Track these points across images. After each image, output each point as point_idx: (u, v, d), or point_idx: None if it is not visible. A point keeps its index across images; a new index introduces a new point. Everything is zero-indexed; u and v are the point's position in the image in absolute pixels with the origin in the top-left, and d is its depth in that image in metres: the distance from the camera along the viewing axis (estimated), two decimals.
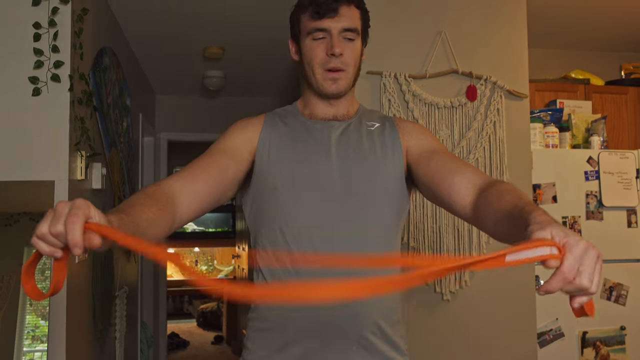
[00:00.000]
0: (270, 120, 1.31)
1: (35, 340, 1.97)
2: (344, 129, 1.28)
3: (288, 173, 1.21)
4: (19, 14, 2.03)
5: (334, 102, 1.31)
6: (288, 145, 1.25)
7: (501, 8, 2.56)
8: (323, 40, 1.24)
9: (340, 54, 1.23)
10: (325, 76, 1.25)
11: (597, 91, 3.48)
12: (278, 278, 1.19)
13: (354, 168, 1.22)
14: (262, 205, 1.24)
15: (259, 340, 1.22)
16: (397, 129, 1.31)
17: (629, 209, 2.88)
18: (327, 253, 1.17)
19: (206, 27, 3.29)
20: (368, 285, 0.77)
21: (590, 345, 2.76)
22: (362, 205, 1.20)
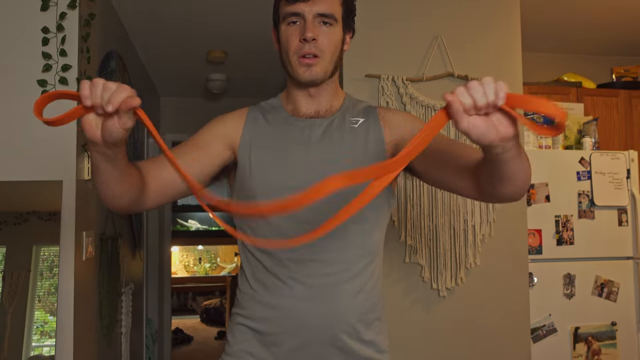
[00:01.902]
0: (253, 117, 1.25)
1: (43, 336, 1.97)
2: (326, 127, 1.21)
3: (269, 178, 1.17)
4: (28, 19, 2.03)
5: (315, 94, 1.23)
6: (269, 148, 1.20)
7: (495, 13, 2.57)
8: (297, 26, 1.17)
9: (313, 39, 1.15)
10: (300, 62, 1.17)
11: (588, 94, 3.48)
12: (261, 282, 1.16)
13: (336, 169, 1.08)
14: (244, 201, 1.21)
15: (239, 335, 1.19)
16: (380, 125, 1.22)
17: (619, 208, 2.89)
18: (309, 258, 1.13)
19: (209, 32, 3.29)
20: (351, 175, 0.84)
21: (582, 340, 2.76)
22: (343, 206, 1.08)
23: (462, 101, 0.77)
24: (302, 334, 1.13)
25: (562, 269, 2.79)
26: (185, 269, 7.97)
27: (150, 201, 1.10)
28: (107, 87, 0.81)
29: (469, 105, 0.77)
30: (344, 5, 1.22)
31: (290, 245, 1.08)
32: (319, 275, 1.13)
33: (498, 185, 0.96)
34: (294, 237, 1.09)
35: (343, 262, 1.14)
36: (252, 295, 1.18)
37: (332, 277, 1.13)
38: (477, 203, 2.43)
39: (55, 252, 1.99)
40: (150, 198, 1.09)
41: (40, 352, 1.95)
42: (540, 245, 2.76)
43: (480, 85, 0.76)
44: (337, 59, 1.22)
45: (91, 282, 2.27)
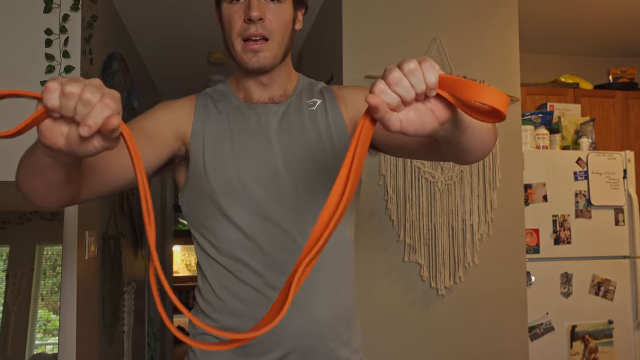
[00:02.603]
0: (203, 105, 1.08)
1: (46, 334, 1.97)
2: (283, 113, 1.07)
3: (227, 174, 1.02)
4: (31, 21, 2.03)
5: (266, 81, 1.07)
6: (224, 140, 1.04)
7: (494, 15, 2.57)
8: (241, 4, 1.01)
9: (260, 18, 0.99)
10: (245, 47, 1.01)
11: (585, 95, 3.48)
12: (231, 292, 1.03)
13: (299, 161, 1.03)
14: (201, 208, 1.05)
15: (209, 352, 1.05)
16: (337, 104, 1.09)
17: (616, 207, 2.89)
18: (276, 257, 1.00)
19: (210, 33, 3.29)
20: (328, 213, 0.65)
21: (579, 338, 2.76)
22: (311, 199, 1.02)
23: (387, 102, 0.64)
24: (284, 344, 1.01)
25: (560, 268, 2.78)
26: (187, 267, 7.97)
27: (88, 192, 0.90)
28: (85, 99, 0.57)
29: (396, 104, 0.64)
30: None
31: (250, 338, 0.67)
32: None
33: (461, 156, 0.90)
34: (264, 242, 1.00)
35: (320, 260, 0.99)
36: (220, 305, 1.04)
37: (310, 280, 0.98)
38: (475, 203, 2.43)
39: (58, 252, 1.99)
40: (87, 188, 0.89)
41: (43, 350, 1.95)
42: (537, 245, 2.76)
43: (404, 75, 0.63)
44: (289, 40, 1.06)
45: (94, 281, 2.27)
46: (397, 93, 0.63)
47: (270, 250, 1.01)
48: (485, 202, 2.44)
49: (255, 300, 1.01)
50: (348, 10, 2.42)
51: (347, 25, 2.42)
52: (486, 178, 2.45)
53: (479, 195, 2.44)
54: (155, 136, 0.99)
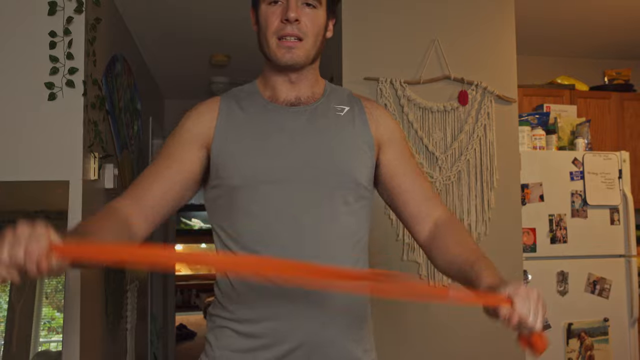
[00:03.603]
0: (226, 106, 1.12)
1: (51, 332, 1.97)
2: (311, 113, 1.10)
3: (249, 170, 1.04)
4: (35, 23, 2.03)
5: (296, 80, 1.11)
6: (248, 137, 1.07)
7: (491, 18, 2.56)
8: (279, 6, 1.06)
9: (296, 19, 1.04)
10: (280, 44, 1.06)
11: (581, 96, 3.48)
12: (246, 284, 1.05)
13: (322, 160, 1.06)
14: (222, 202, 1.08)
15: (223, 338, 1.07)
16: (366, 116, 1.14)
17: (611, 207, 2.88)
18: (294, 254, 1.02)
19: (212, 36, 3.29)
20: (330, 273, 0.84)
21: (575, 336, 2.76)
22: (329, 200, 1.05)
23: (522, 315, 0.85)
24: (294, 337, 1.02)
25: (556, 267, 2.78)
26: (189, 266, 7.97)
27: (143, 231, 1.06)
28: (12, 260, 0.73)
29: (522, 320, 0.85)
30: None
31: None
32: None
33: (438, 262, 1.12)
34: (281, 237, 1.04)
35: (335, 259, 1.04)
36: (236, 296, 1.06)
37: None
38: (473, 202, 2.43)
39: None
40: (142, 229, 1.05)
41: (47, 348, 1.95)
42: (534, 244, 2.76)
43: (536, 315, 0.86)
44: (320, 44, 1.11)
45: (97, 280, 2.27)
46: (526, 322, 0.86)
47: (287, 245, 1.03)
48: (483, 201, 2.44)
49: (268, 292, 1.03)
50: (347, 13, 2.42)
51: (347, 28, 2.42)
52: (484, 178, 2.45)
53: (477, 195, 2.44)
54: (183, 158, 1.08)
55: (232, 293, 1.06)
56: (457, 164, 2.42)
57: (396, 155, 1.16)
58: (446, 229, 1.12)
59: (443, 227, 1.13)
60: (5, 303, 1.90)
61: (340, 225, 1.06)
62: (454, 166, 2.42)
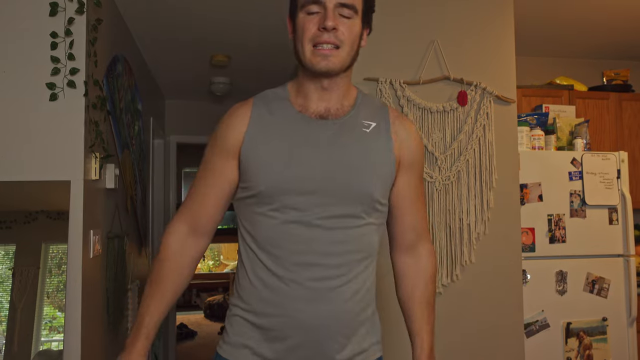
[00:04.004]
0: (258, 112, 1.16)
1: (52, 331, 1.97)
2: (338, 129, 1.14)
3: (274, 178, 1.10)
4: (37, 24, 2.03)
5: (328, 87, 1.14)
6: (275, 147, 1.12)
7: (490, 19, 2.56)
8: (317, 15, 1.09)
9: (334, 28, 1.07)
10: (315, 52, 1.09)
11: (580, 96, 3.48)
12: (261, 279, 1.14)
13: (342, 174, 1.11)
14: (246, 203, 1.16)
15: (238, 327, 1.17)
16: (392, 135, 1.18)
17: (610, 207, 2.88)
18: (304, 260, 1.11)
19: (213, 36, 3.29)
20: None
21: (574, 335, 2.76)
22: (346, 211, 1.12)
23: None
24: (300, 332, 1.11)
25: (555, 266, 2.78)
26: None
27: (203, 246, 1.24)
28: None
29: None
30: (365, 0, 1.15)
31: None
32: (319, 279, 1.10)
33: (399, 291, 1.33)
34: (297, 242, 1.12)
35: (343, 267, 1.12)
36: (251, 290, 1.15)
37: (332, 281, 1.11)
38: (472, 202, 2.43)
39: (63, 250, 1.99)
40: (201, 246, 1.23)
41: (49, 347, 1.95)
42: (533, 243, 2.76)
43: None
44: (355, 53, 1.15)
45: (98, 279, 2.27)
46: None
47: (303, 250, 1.10)
48: (482, 201, 2.44)
49: (280, 290, 1.11)
50: None
51: None
52: (483, 178, 2.45)
53: (476, 194, 2.44)
54: (224, 170, 1.17)
55: (248, 286, 1.16)
56: (457, 164, 2.42)
57: (409, 181, 1.22)
58: (421, 272, 1.28)
59: (419, 268, 1.28)
60: (6, 302, 1.90)
61: (353, 238, 1.13)
62: (453, 166, 2.42)
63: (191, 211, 1.20)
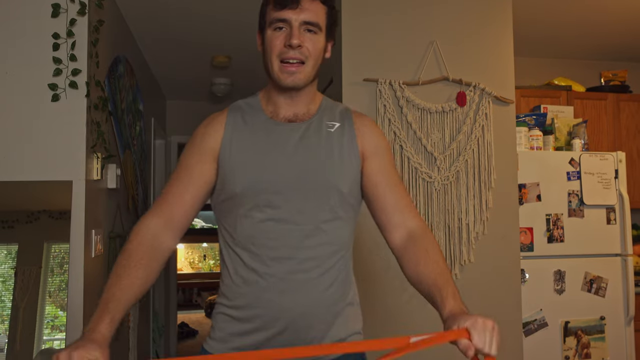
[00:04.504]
0: (232, 120, 1.25)
1: (54, 330, 1.97)
2: (304, 131, 1.22)
3: (249, 180, 1.17)
4: (39, 25, 2.03)
5: (295, 96, 1.23)
6: (249, 151, 1.20)
7: (489, 20, 2.56)
8: (283, 31, 1.17)
9: (299, 45, 1.15)
10: (282, 69, 1.17)
11: (578, 97, 3.48)
12: (241, 277, 1.19)
13: (311, 172, 1.19)
14: (225, 206, 1.22)
15: (222, 322, 1.22)
16: (355, 132, 1.26)
17: (608, 207, 2.88)
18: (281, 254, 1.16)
19: (214, 38, 3.29)
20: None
21: (572, 334, 2.76)
22: (317, 206, 1.18)
23: (478, 347, 0.95)
24: (279, 323, 1.16)
25: (553, 266, 2.78)
26: (191, 265, 7.97)
27: (173, 243, 1.22)
28: None
29: (478, 350, 0.96)
30: (328, 15, 1.22)
31: None
32: (294, 272, 1.16)
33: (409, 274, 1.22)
34: (273, 238, 1.16)
35: (317, 259, 1.17)
36: (233, 287, 1.20)
37: (307, 274, 1.16)
38: (471, 202, 2.43)
39: (65, 250, 1.99)
40: (171, 242, 1.21)
41: (51, 346, 1.95)
42: (531, 243, 2.76)
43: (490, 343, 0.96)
44: (319, 66, 1.23)
45: (100, 279, 2.27)
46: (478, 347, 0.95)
47: (277, 245, 1.16)
48: (481, 201, 2.44)
49: (259, 285, 1.17)
50: (347, 15, 2.42)
51: (346, 30, 2.42)
52: (482, 178, 2.45)
53: (475, 194, 2.44)
54: (202, 170, 1.22)
55: (230, 283, 1.22)
56: (456, 164, 2.43)
57: (379, 167, 1.26)
58: (418, 242, 1.20)
59: (415, 240, 1.21)
60: (9, 301, 1.90)
61: (324, 231, 1.18)
62: (453, 166, 2.42)
63: (167, 206, 1.21)
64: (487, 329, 0.95)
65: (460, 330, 0.95)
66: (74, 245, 1.97)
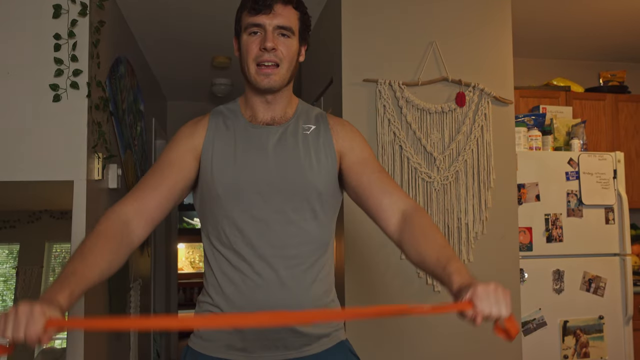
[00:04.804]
0: (214, 124, 1.28)
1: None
2: (281, 134, 1.26)
3: (229, 181, 1.21)
4: (41, 26, 2.03)
5: (272, 101, 1.27)
6: (229, 153, 1.23)
7: (488, 21, 2.57)
8: (258, 36, 1.21)
9: (273, 48, 1.19)
10: (258, 71, 1.21)
11: (577, 97, 3.48)
12: (226, 275, 1.21)
13: (290, 173, 1.22)
14: (207, 208, 1.25)
15: None
16: (330, 132, 1.29)
17: (606, 207, 2.89)
18: (262, 252, 1.18)
19: (214, 38, 3.29)
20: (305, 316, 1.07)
21: (571, 333, 2.76)
22: (296, 206, 1.21)
23: (484, 314, 0.93)
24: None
25: (552, 265, 2.79)
26: (191, 265, 7.97)
27: (143, 233, 1.19)
28: (18, 337, 0.85)
29: (486, 317, 0.94)
30: (301, 20, 1.26)
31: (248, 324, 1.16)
32: (278, 269, 1.19)
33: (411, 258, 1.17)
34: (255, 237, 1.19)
35: (299, 257, 1.21)
36: (218, 287, 1.22)
37: (290, 271, 1.20)
38: (470, 202, 2.43)
39: (66, 249, 1.99)
40: (142, 232, 1.18)
41: (52, 345, 1.95)
42: (530, 243, 2.77)
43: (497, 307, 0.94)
44: (294, 69, 1.26)
45: None
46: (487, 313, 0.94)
47: (259, 244, 1.20)
48: (480, 201, 2.45)
49: (244, 283, 1.20)
50: (347, 16, 2.43)
51: (346, 31, 2.42)
52: (481, 178, 2.45)
53: (474, 194, 2.45)
54: (183, 167, 1.23)
55: (214, 282, 1.24)
56: (455, 164, 2.43)
57: (358, 158, 1.28)
58: (414, 223, 1.18)
59: (410, 221, 1.19)
60: (10, 301, 1.91)
61: (304, 230, 1.22)
62: (452, 166, 2.42)
63: (141, 195, 1.20)
64: (489, 293, 0.95)
65: (463, 303, 0.93)
66: (75, 245, 1.97)
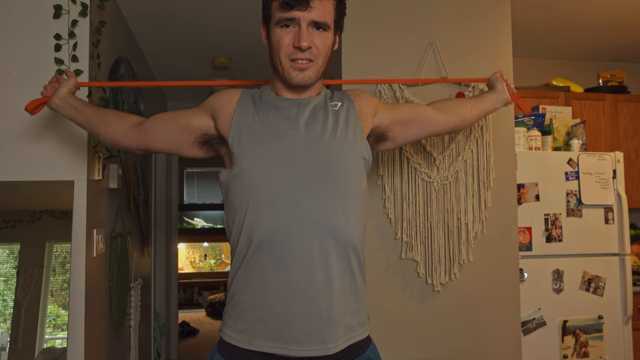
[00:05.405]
0: (244, 98, 1.26)
1: (56, 329, 1.97)
2: (313, 107, 1.23)
3: (258, 153, 1.17)
4: (41, 26, 2.03)
5: (302, 92, 1.24)
6: (258, 126, 1.19)
7: (488, 21, 2.56)
8: (291, 30, 1.15)
9: (308, 47, 1.14)
10: (293, 66, 1.16)
11: (576, 98, 3.48)
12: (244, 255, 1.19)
13: (320, 145, 1.18)
14: (239, 180, 1.20)
15: (241, 312, 1.20)
16: (354, 106, 1.30)
17: (606, 207, 2.89)
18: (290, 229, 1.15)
19: (214, 39, 3.29)
20: None
21: (571, 333, 2.76)
22: (324, 177, 1.17)
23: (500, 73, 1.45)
24: (295, 307, 1.14)
25: (551, 265, 2.78)
26: (192, 265, 7.97)
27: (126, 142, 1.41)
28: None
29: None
30: (337, 10, 1.21)
31: None
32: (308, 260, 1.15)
33: (458, 130, 1.59)
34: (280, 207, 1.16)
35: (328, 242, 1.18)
36: (246, 279, 1.19)
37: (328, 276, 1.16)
38: (470, 202, 2.43)
39: (67, 249, 1.99)
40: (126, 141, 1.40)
41: (53, 344, 1.95)
42: (530, 242, 2.76)
43: None
44: (328, 61, 1.23)
45: (101, 278, 2.27)
46: None
47: (284, 213, 1.15)
48: (480, 201, 2.44)
49: (274, 275, 1.16)
50: (347, 16, 2.42)
51: (346, 30, 2.42)
52: (480, 178, 2.45)
53: (474, 194, 2.44)
54: (196, 115, 1.28)
55: (242, 276, 1.20)
56: (455, 164, 2.43)
57: (383, 113, 1.35)
58: (446, 111, 1.51)
59: (444, 112, 1.50)
60: (11, 300, 1.90)
61: (333, 199, 1.17)
62: (452, 166, 2.42)
63: (146, 120, 1.36)
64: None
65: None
66: (75, 245, 1.97)
